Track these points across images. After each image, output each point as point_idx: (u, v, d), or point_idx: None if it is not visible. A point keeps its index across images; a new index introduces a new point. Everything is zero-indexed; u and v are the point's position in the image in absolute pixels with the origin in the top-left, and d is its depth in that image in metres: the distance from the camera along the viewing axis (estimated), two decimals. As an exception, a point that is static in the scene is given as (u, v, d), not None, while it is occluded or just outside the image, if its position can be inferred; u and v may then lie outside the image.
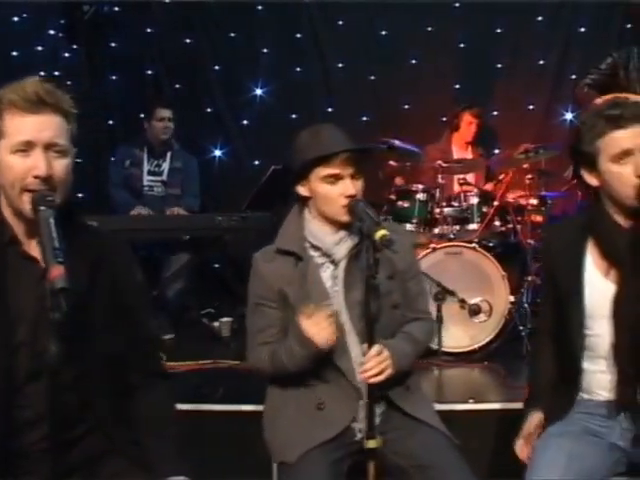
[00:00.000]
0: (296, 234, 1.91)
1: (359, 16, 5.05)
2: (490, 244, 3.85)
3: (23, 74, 1.50)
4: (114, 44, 5.20)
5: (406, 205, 3.79)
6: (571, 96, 4.46)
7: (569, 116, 5.02)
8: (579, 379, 1.84)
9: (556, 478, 1.66)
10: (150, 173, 4.22)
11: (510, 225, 3.87)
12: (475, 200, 3.80)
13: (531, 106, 5.01)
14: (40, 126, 1.45)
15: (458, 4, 5.03)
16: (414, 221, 3.76)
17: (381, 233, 1.71)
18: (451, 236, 3.66)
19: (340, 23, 5.10)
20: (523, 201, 3.89)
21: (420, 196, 3.78)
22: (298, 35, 5.13)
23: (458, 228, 3.74)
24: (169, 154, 4.24)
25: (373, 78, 5.08)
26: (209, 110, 5.16)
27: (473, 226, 3.76)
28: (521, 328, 3.48)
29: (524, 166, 3.93)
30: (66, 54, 5.09)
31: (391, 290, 1.88)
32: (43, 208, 1.41)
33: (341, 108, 5.07)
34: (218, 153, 5.14)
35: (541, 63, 5.02)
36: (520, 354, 3.34)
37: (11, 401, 1.46)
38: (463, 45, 5.06)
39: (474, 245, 3.50)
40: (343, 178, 1.82)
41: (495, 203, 3.80)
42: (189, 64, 5.14)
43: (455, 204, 3.81)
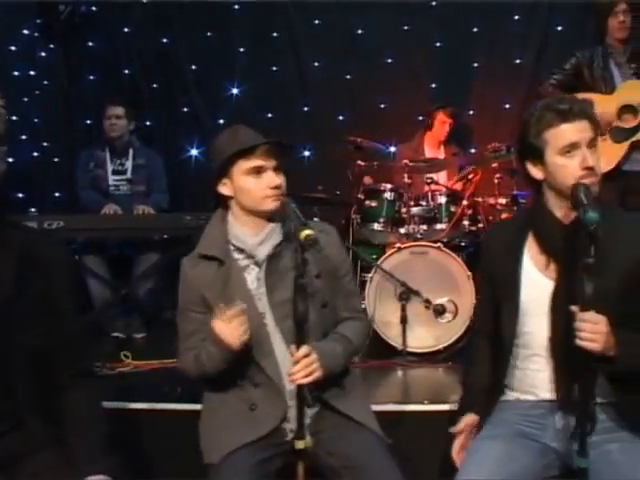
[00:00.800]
0: (219, 238, 1.91)
1: (335, 15, 5.04)
2: (461, 244, 3.85)
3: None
4: (91, 44, 5.20)
5: (374, 204, 3.80)
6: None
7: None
8: (514, 379, 1.84)
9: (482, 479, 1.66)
10: (114, 172, 4.23)
11: (481, 225, 3.87)
12: (443, 199, 3.80)
13: (507, 105, 4.99)
14: None
15: (435, 3, 5.02)
16: (381, 220, 3.76)
17: (305, 233, 1.71)
18: (418, 236, 3.66)
19: (316, 22, 5.09)
20: (492, 200, 3.89)
21: (388, 195, 3.78)
22: (274, 34, 5.12)
23: (425, 228, 3.74)
24: (131, 152, 4.24)
25: (349, 77, 5.08)
26: (186, 110, 5.16)
27: (441, 226, 3.76)
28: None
29: (493, 165, 3.92)
30: (43, 53, 5.10)
31: (319, 289, 1.89)
32: None
33: (317, 107, 5.08)
34: (195, 152, 5.13)
35: (517, 62, 5.00)
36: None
37: None
38: (439, 44, 5.04)
39: (439, 245, 3.50)
40: (266, 170, 1.84)
41: (464, 202, 3.80)
42: (166, 64, 5.15)
43: (423, 203, 3.81)
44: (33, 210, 4.80)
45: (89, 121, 5.16)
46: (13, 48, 4.90)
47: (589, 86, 3.52)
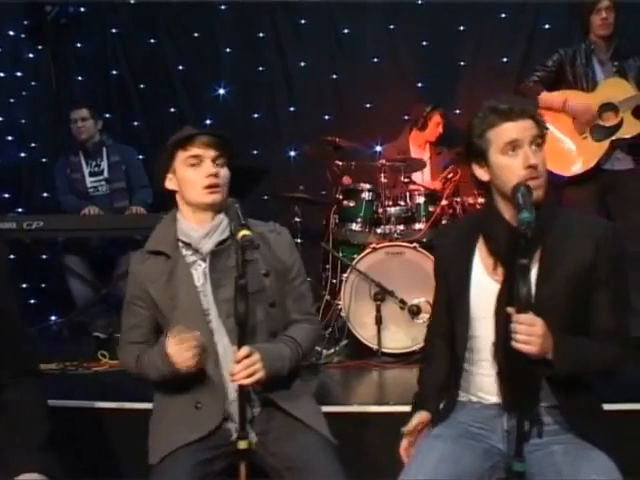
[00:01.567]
0: (168, 235, 1.92)
1: (321, 15, 5.04)
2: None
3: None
4: (79, 45, 5.23)
5: (352, 204, 3.79)
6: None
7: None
8: (465, 381, 1.83)
9: (422, 479, 1.65)
10: (91, 174, 4.26)
11: (460, 224, 3.84)
12: (422, 199, 3.78)
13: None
14: None
15: (421, 2, 5.00)
16: (359, 221, 3.75)
17: (242, 233, 1.73)
18: (395, 236, 3.64)
19: (302, 22, 5.09)
20: (472, 200, 3.86)
21: (366, 195, 3.77)
22: (260, 35, 5.11)
23: (403, 228, 3.73)
24: (104, 151, 4.27)
25: (335, 77, 5.07)
26: (172, 110, 5.16)
27: (419, 225, 3.75)
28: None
29: (473, 165, 3.88)
30: (30, 55, 5.13)
31: (268, 287, 1.90)
32: None
33: (303, 107, 5.07)
34: (181, 153, 5.13)
35: (504, 61, 4.96)
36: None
37: None
38: (425, 43, 5.01)
39: (415, 245, 3.48)
40: (204, 160, 1.86)
41: (443, 202, 3.78)
42: (153, 64, 5.17)
43: (402, 203, 3.78)
44: (20, 210, 4.86)
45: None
46: (-1, 49, 4.93)
47: (571, 83, 3.49)
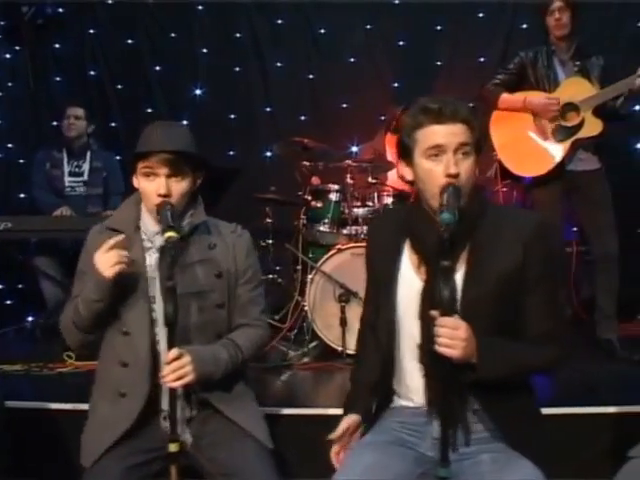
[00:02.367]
0: (130, 216, 1.94)
1: (298, 15, 5.04)
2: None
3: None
4: (57, 45, 5.23)
5: (319, 205, 3.78)
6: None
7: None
8: (395, 383, 1.78)
9: (349, 487, 1.62)
10: (71, 174, 4.24)
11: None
12: (389, 200, 3.77)
13: (471, 104, 4.89)
14: None
15: (397, 1, 4.99)
16: (326, 221, 3.73)
17: (167, 235, 1.74)
18: (362, 236, 3.63)
19: (279, 22, 5.09)
20: (442, 200, 3.83)
21: (333, 196, 3.76)
22: (237, 35, 5.12)
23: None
24: (88, 154, 4.25)
25: (311, 77, 5.07)
26: (150, 110, 5.16)
27: (387, 226, 3.72)
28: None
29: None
30: (7, 55, 5.12)
31: (217, 289, 1.91)
32: None
33: (280, 107, 5.07)
34: (158, 153, 5.13)
35: (481, 60, 4.95)
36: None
37: None
38: (402, 43, 5.01)
39: (380, 246, 3.46)
40: (159, 176, 1.85)
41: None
42: (130, 65, 5.16)
43: (370, 204, 3.77)
44: (-4, 211, 4.85)
45: (55, 122, 5.16)
46: (-27, 50, 4.93)
47: (533, 85, 3.47)
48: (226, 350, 1.89)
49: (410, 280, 1.72)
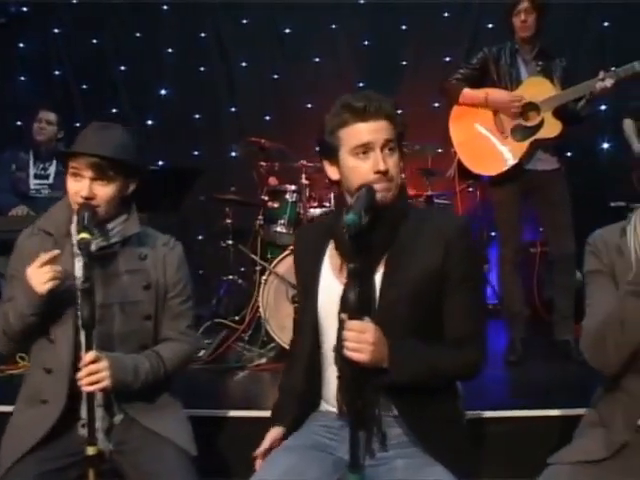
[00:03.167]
0: (61, 219, 1.90)
1: (263, 15, 5.03)
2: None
3: None
4: (22, 44, 5.20)
5: (276, 206, 3.76)
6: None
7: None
8: (321, 388, 1.76)
9: (264, 492, 1.60)
10: (36, 177, 4.19)
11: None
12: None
13: (436, 104, 4.93)
14: None
15: (363, 1, 4.99)
16: (282, 222, 3.72)
17: (80, 236, 1.73)
18: (318, 237, 3.61)
19: (244, 22, 5.07)
20: (405, 201, 3.83)
21: (289, 197, 3.74)
22: (202, 35, 5.10)
23: (326, 229, 3.69)
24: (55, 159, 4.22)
25: (276, 77, 5.06)
26: (115, 110, 5.13)
27: (344, 227, 3.70)
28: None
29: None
30: (-28, 55, 5.10)
31: (144, 300, 1.89)
32: None
33: (244, 107, 5.07)
34: (123, 153, 5.11)
35: (447, 60, 4.95)
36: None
37: None
38: (367, 43, 5.01)
39: (334, 246, 3.45)
40: (84, 178, 1.82)
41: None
42: (96, 64, 5.14)
43: (327, 204, 3.76)
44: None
45: (19, 122, 5.14)
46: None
47: (495, 82, 3.45)
48: (148, 361, 1.87)
49: (331, 284, 1.70)
